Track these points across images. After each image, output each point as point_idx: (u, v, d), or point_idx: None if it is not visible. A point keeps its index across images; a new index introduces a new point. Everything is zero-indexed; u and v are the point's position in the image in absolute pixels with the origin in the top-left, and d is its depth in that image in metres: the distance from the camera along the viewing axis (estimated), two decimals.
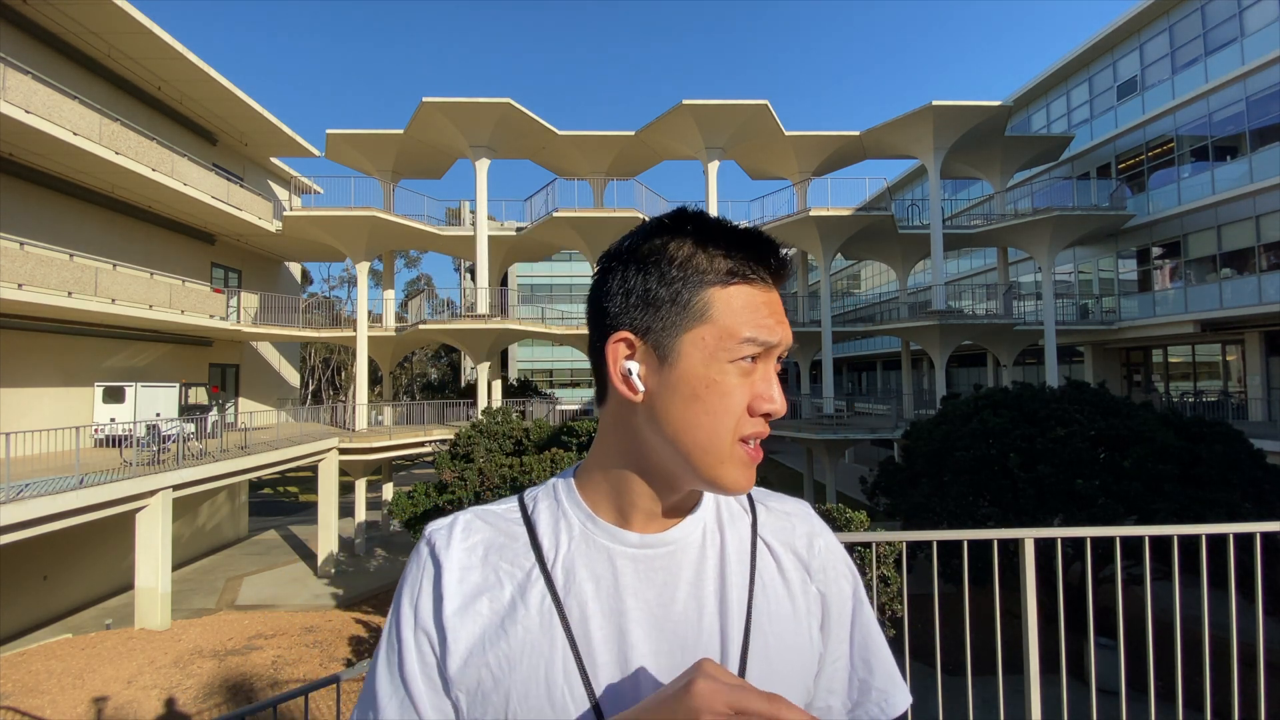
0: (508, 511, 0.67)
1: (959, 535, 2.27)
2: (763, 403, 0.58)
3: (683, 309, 0.59)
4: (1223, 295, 17.11)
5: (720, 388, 0.57)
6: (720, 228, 0.61)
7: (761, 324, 0.58)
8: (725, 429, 0.57)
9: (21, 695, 9.29)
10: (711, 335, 0.58)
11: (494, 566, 0.62)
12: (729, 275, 0.59)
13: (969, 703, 2.38)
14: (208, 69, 15.78)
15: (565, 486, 0.68)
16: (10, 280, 10.90)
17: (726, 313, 0.58)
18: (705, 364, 0.58)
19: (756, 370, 0.59)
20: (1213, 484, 8.93)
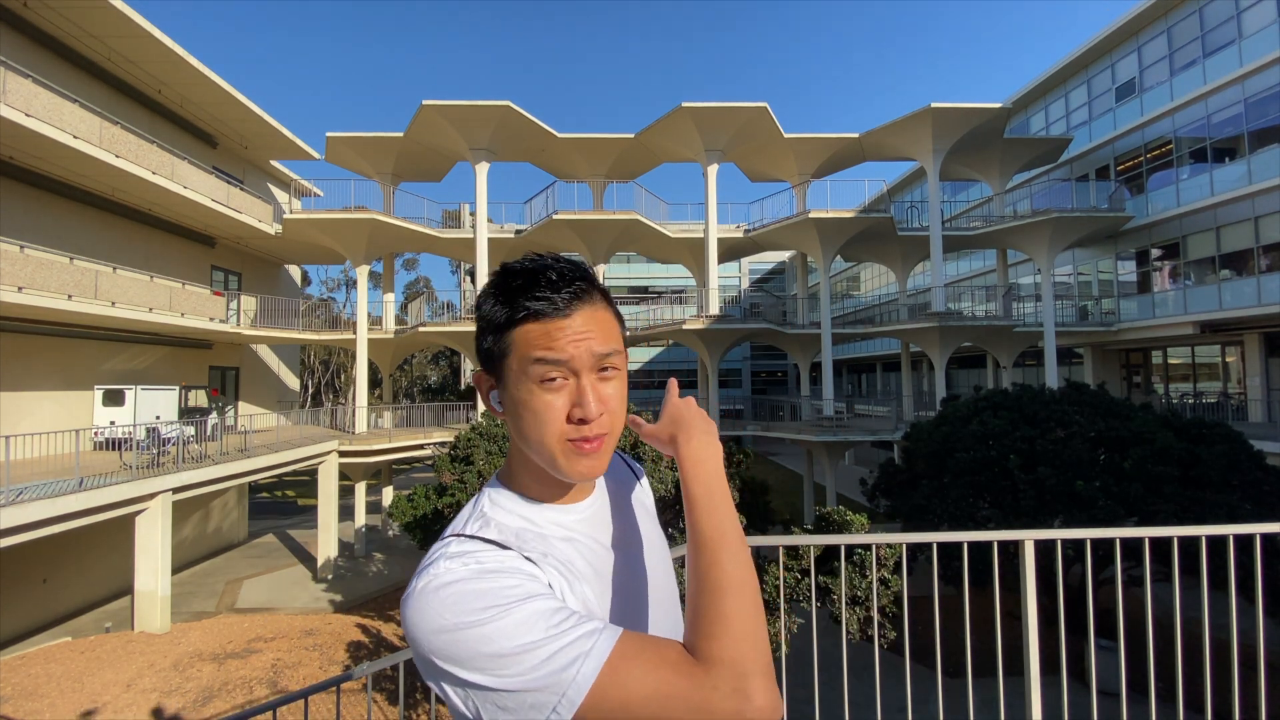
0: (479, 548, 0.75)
1: (959, 537, 2.27)
2: (575, 411, 0.73)
3: (500, 350, 0.76)
4: (1222, 296, 17.12)
5: (530, 405, 0.74)
6: (511, 285, 0.76)
7: (546, 347, 0.73)
8: (547, 435, 0.74)
9: (20, 699, 9.27)
10: (515, 364, 0.75)
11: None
12: (520, 319, 0.74)
13: (969, 704, 2.38)
14: (208, 72, 15.81)
15: (501, 495, 0.82)
16: (10, 283, 10.90)
17: (522, 344, 0.74)
18: (516, 386, 0.75)
19: (569, 385, 0.74)
20: (1213, 485, 8.93)
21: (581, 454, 0.74)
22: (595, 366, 0.75)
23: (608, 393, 0.76)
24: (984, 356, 26.41)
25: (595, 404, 0.73)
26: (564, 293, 0.74)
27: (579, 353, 0.73)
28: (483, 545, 0.71)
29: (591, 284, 0.78)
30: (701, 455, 0.82)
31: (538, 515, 0.80)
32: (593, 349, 0.74)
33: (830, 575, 7.78)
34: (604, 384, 0.76)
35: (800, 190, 23.10)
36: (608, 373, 0.76)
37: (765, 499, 11.72)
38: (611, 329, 0.78)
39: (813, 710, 2.44)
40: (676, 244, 23.54)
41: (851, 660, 7.92)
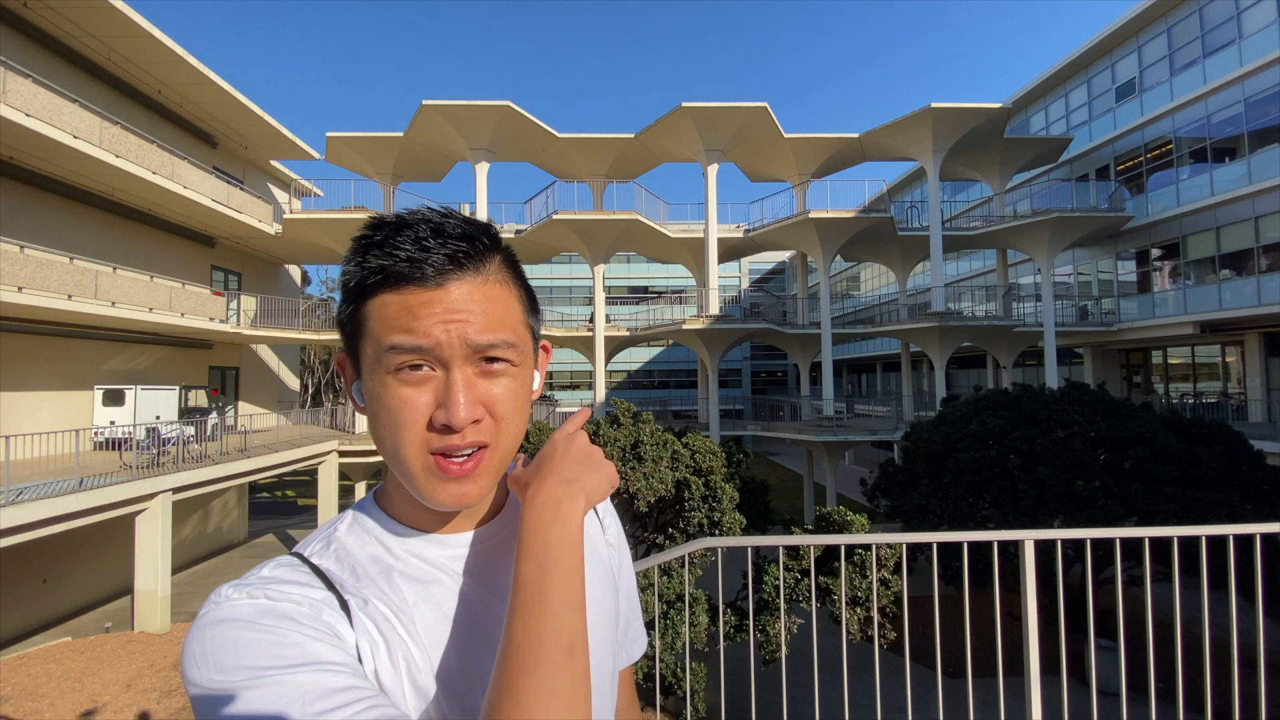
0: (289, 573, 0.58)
1: (959, 537, 2.27)
2: (438, 414, 0.55)
3: (354, 326, 0.59)
4: (1222, 297, 17.12)
5: (383, 402, 0.56)
6: (371, 240, 0.57)
7: (406, 328, 0.55)
8: (403, 444, 0.56)
9: (20, 699, 9.27)
10: (370, 348, 0.57)
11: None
12: (372, 285, 0.56)
13: (969, 704, 2.38)
14: (208, 72, 15.80)
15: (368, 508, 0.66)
16: (10, 283, 10.90)
17: (378, 322, 0.56)
18: (369, 377, 0.58)
19: (436, 378, 0.56)
20: (1213, 485, 8.93)
21: (445, 474, 0.56)
22: (472, 357, 0.57)
23: (493, 392, 0.58)
24: (984, 356, 26.41)
25: (466, 405, 0.55)
26: (436, 254, 0.55)
27: (448, 338, 0.55)
28: (299, 574, 0.56)
29: (482, 245, 0.59)
30: (546, 518, 0.58)
31: (398, 545, 0.62)
32: (467, 335, 0.56)
33: (830, 575, 7.78)
34: (487, 380, 0.58)
35: (800, 190, 23.10)
36: (496, 366, 0.58)
37: (765, 499, 11.72)
38: (506, 310, 0.59)
39: (812, 710, 2.44)
40: (676, 244, 23.54)
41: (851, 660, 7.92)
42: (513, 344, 0.59)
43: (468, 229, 0.58)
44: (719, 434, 20.46)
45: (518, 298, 0.62)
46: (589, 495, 0.62)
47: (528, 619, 0.52)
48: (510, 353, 0.59)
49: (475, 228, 0.59)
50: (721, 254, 23.96)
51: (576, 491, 0.61)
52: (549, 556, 0.55)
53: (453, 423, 0.55)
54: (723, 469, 10.15)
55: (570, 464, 0.63)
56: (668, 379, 45.24)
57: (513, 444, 0.61)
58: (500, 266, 0.61)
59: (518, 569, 0.55)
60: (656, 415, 11.21)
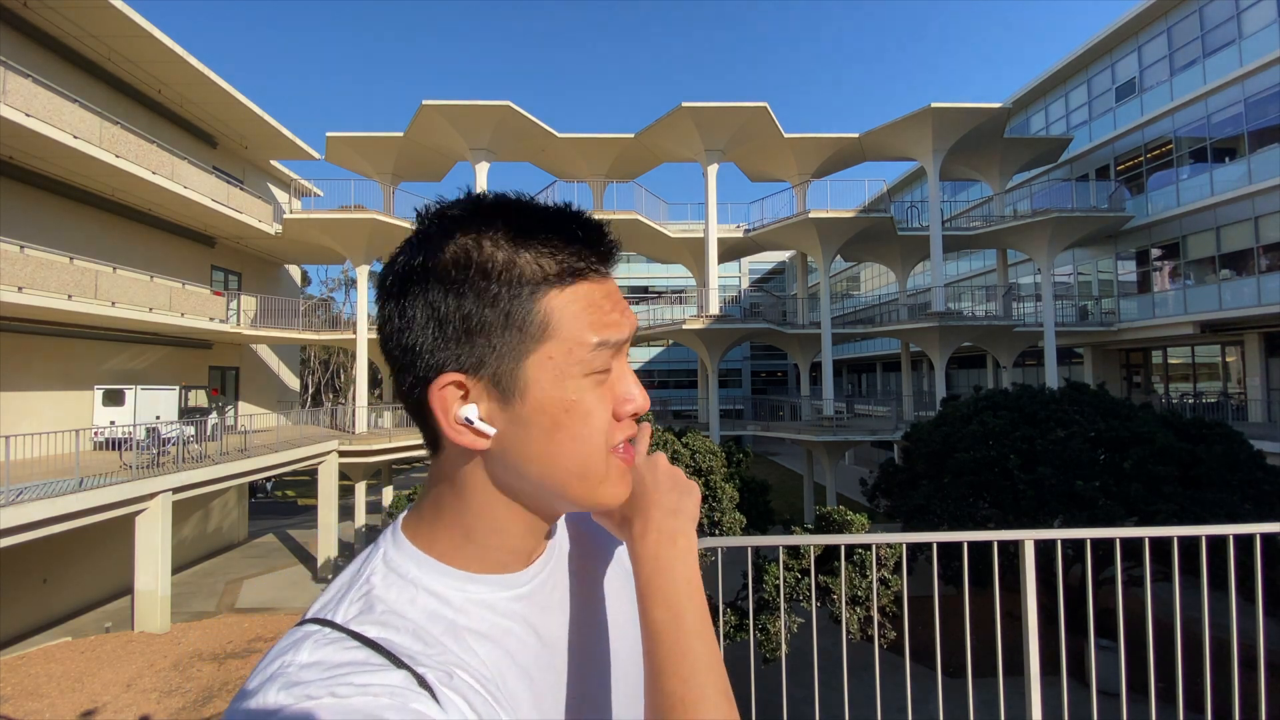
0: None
1: (959, 537, 2.27)
2: (626, 405, 0.52)
3: (519, 330, 0.48)
4: (1222, 297, 17.12)
5: (581, 408, 0.50)
6: (537, 215, 0.51)
7: (609, 323, 0.50)
8: (597, 449, 0.51)
9: (20, 699, 9.27)
10: (559, 352, 0.49)
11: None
12: (564, 275, 0.49)
13: (969, 704, 2.38)
14: (208, 72, 15.81)
15: (407, 560, 0.53)
16: (10, 283, 10.90)
17: (570, 321, 0.49)
18: (558, 386, 0.49)
19: (611, 371, 0.52)
20: (1213, 485, 8.93)
21: (626, 470, 0.54)
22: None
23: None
24: (984, 356, 26.41)
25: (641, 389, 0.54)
26: (607, 247, 0.52)
27: (634, 321, 0.53)
28: (355, 653, 0.43)
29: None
30: (666, 555, 0.55)
31: (455, 593, 0.51)
32: (636, 323, 0.54)
33: (830, 575, 7.78)
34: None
35: (800, 190, 23.11)
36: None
37: (765, 499, 11.73)
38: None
39: (812, 710, 2.44)
40: (676, 244, 23.55)
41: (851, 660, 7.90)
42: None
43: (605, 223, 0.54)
44: (719, 434, 20.46)
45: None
46: (693, 521, 0.59)
47: (681, 670, 0.49)
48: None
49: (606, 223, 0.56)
50: (721, 254, 23.96)
51: (685, 522, 0.58)
52: (681, 597, 0.53)
53: (640, 409, 0.53)
54: (723, 469, 10.15)
55: (665, 491, 0.59)
56: (668, 379, 45.24)
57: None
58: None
59: (648, 614, 0.52)
60: (656, 415, 11.21)
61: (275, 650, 0.44)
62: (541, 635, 0.55)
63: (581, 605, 0.61)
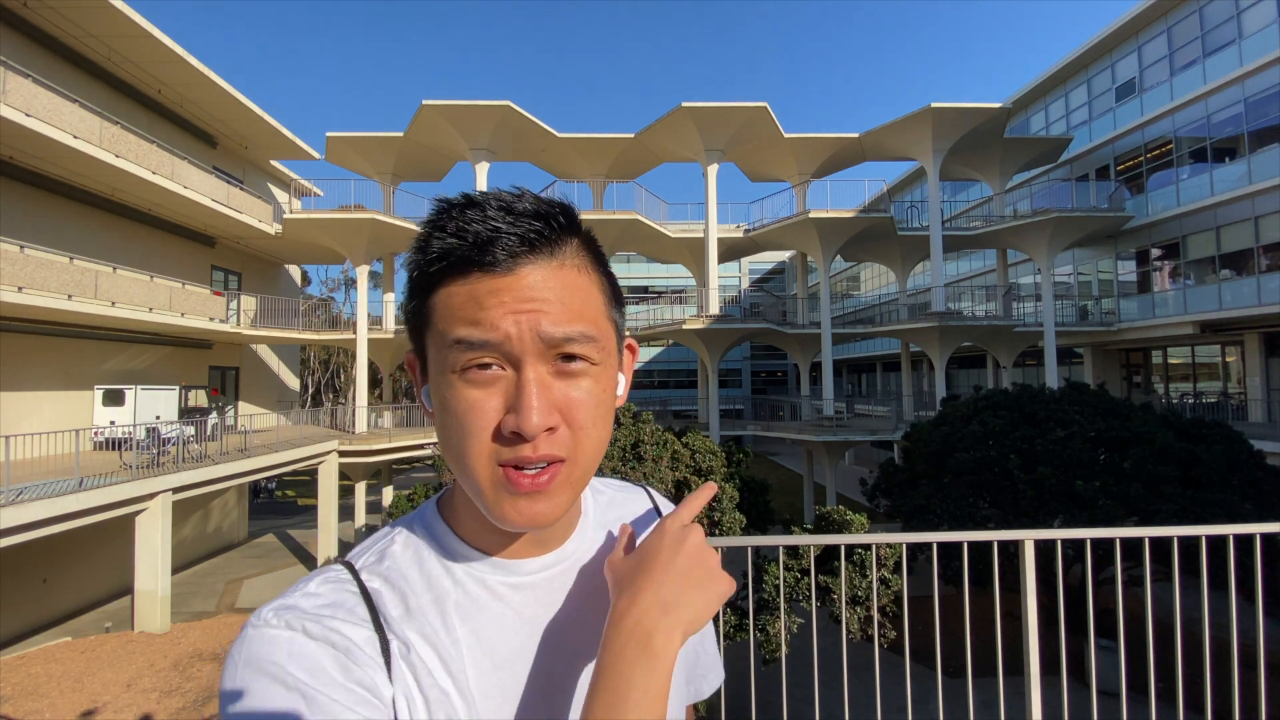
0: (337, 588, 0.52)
1: (959, 537, 2.27)
2: (507, 419, 0.48)
3: (420, 320, 0.52)
4: (1222, 296, 17.12)
5: (449, 405, 0.49)
6: (439, 218, 0.50)
7: (472, 320, 0.48)
8: (470, 453, 0.49)
9: (20, 698, 9.27)
10: (435, 345, 0.50)
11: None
12: (444, 270, 0.49)
13: (969, 704, 2.38)
14: (208, 72, 15.81)
15: (428, 520, 0.58)
16: (10, 283, 10.90)
17: (443, 315, 0.49)
18: (436, 378, 0.51)
19: (506, 378, 0.49)
20: (1213, 485, 8.93)
21: (515, 488, 0.48)
22: (546, 354, 0.49)
23: (571, 396, 0.50)
24: (984, 356, 26.41)
25: (540, 410, 0.47)
26: (507, 234, 0.48)
27: (518, 331, 0.47)
28: (346, 595, 0.50)
29: (558, 225, 0.51)
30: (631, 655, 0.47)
31: (459, 567, 0.55)
32: (540, 327, 0.48)
33: (830, 575, 7.78)
34: (564, 382, 0.50)
35: (800, 190, 23.10)
36: (574, 365, 0.50)
37: (765, 499, 11.72)
38: (585, 300, 0.51)
39: (812, 710, 2.44)
40: (676, 244, 23.54)
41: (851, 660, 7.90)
42: (592, 338, 0.50)
43: (541, 207, 0.51)
44: (719, 434, 20.46)
45: (599, 286, 0.54)
46: (688, 626, 0.49)
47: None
48: (590, 348, 0.50)
49: (550, 206, 0.52)
50: (721, 254, 23.96)
51: (674, 622, 0.48)
52: (626, 706, 0.45)
53: (524, 430, 0.47)
54: (723, 469, 10.16)
55: (674, 578, 0.51)
56: (668, 379, 45.23)
57: (593, 457, 0.52)
58: (579, 250, 0.53)
59: (587, 706, 0.46)
60: (656, 415, 11.21)
61: (310, 574, 0.53)
62: (533, 629, 0.55)
63: (589, 614, 0.57)
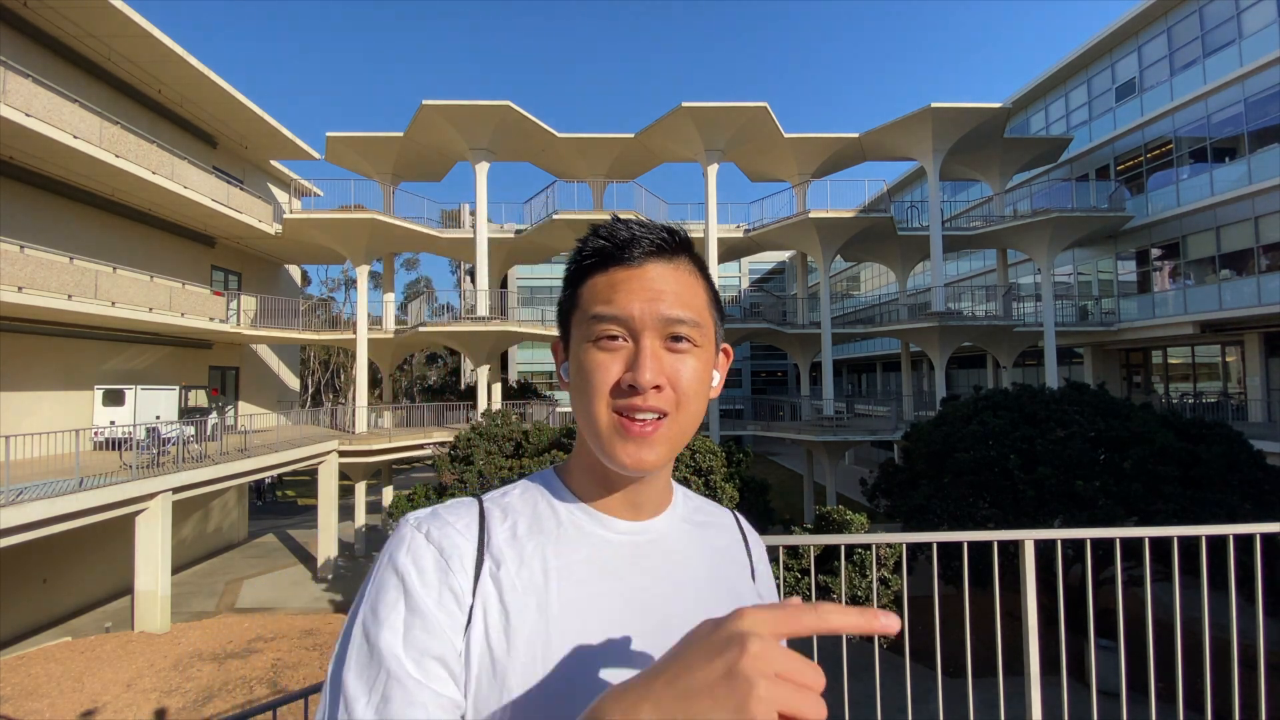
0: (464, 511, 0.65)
1: (959, 537, 2.27)
2: (626, 375, 0.61)
3: (570, 305, 0.68)
4: (1222, 296, 17.12)
5: (582, 366, 0.64)
6: (588, 238, 0.68)
7: (607, 299, 0.64)
8: (594, 401, 0.62)
9: (20, 699, 9.27)
10: (578, 319, 0.66)
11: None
12: (587, 267, 0.67)
13: (969, 704, 2.38)
14: (208, 72, 15.81)
15: (547, 476, 0.72)
16: (10, 283, 10.90)
17: (587, 298, 0.66)
18: (575, 348, 0.66)
19: (628, 348, 0.63)
20: (1213, 485, 8.93)
21: (626, 433, 0.61)
22: (663, 331, 0.63)
23: (677, 367, 0.63)
24: (984, 356, 26.41)
25: (651, 369, 0.61)
26: (642, 239, 0.65)
27: (641, 311, 0.62)
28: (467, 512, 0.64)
29: (678, 239, 0.67)
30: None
31: (565, 511, 0.67)
32: (659, 310, 0.62)
33: (830, 575, 7.78)
34: (673, 356, 0.63)
35: (800, 190, 23.10)
36: (681, 344, 0.64)
37: (765, 499, 11.73)
38: (693, 294, 0.66)
39: None
40: None
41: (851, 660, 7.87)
42: (698, 324, 0.64)
43: (666, 228, 0.67)
44: (719, 434, 20.45)
45: (704, 289, 0.68)
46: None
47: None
48: (694, 332, 0.64)
49: (671, 228, 0.68)
50: (721, 254, 23.96)
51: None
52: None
53: (639, 382, 0.60)
54: (723, 469, 10.16)
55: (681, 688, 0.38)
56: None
57: (691, 423, 0.64)
58: (690, 261, 0.68)
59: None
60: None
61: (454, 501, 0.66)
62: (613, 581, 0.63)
63: (655, 588, 0.65)
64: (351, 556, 18.40)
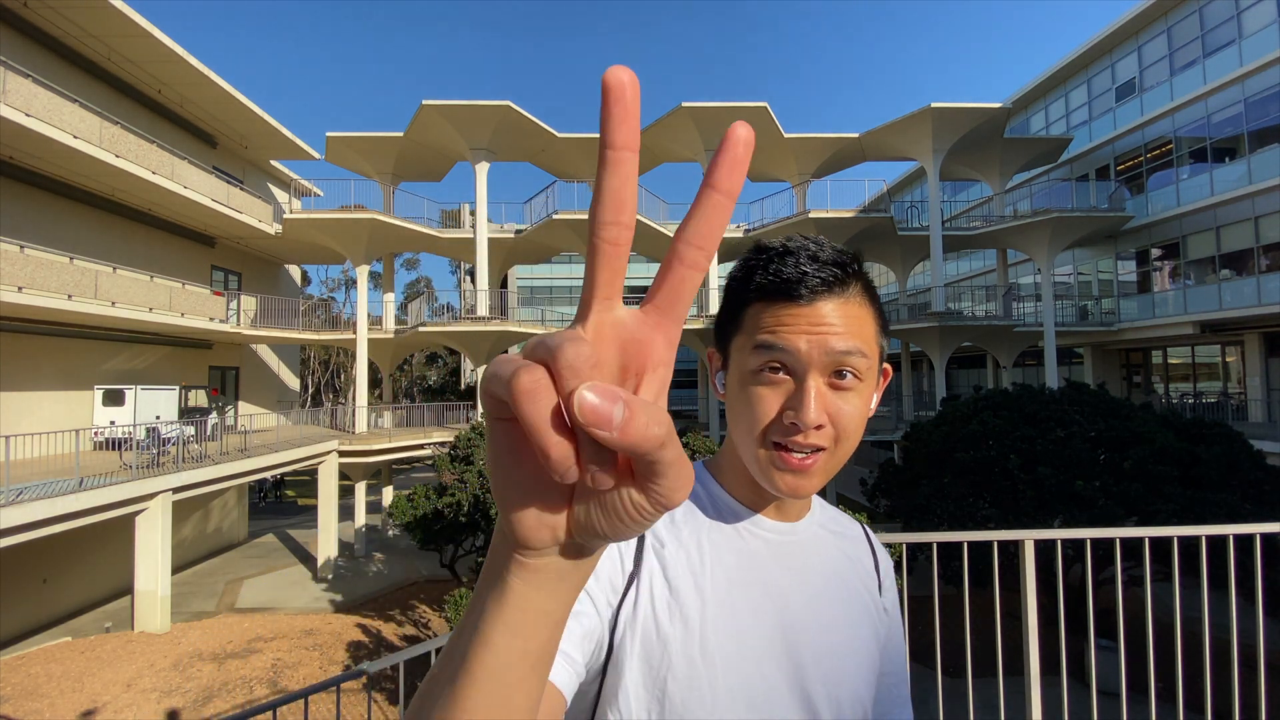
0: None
1: (959, 537, 2.27)
2: (787, 413, 0.62)
3: (733, 325, 0.69)
4: (1222, 296, 17.11)
5: (745, 398, 0.65)
6: (756, 259, 0.67)
7: (774, 332, 0.63)
8: (755, 435, 0.64)
9: (20, 699, 9.27)
10: (741, 342, 0.67)
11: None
12: (753, 293, 0.66)
13: (969, 704, 2.38)
14: (208, 72, 15.80)
15: (698, 469, 0.74)
16: (10, 283, 10.90)
17: (750, 324, 0.66)
18: (735, 369, 0.67)
19: (787, 384, 0.63)
20: (1213, 485, 8.93)
21: (786, 466, 0.63)
22: (829, 368, 0.63)
23: (839, 406, 0.63)
24: (984, 356, 26.40)
25: (815, 410, 0.61)
26: (813, 276, 0.63)
27: (809, 347, 0.62)
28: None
29: (851, 271, 0.66)
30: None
31: (719, 505, 0.71)
32: (829, 344, 0.62)
33: None
34: (835, 394, 0.63)
35: (800, 190, 23.10)
36: (845, 380, 0.63)
37: None
38: (862, 325, 0.65)
39: None
40: None
41: None
42: (864, 354, 0.64)
43: (838, 257, 0.65)
44: (719, 434, 20.46)
45: (872, 317, 0.67)
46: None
47: None
48: (861, 363, 0.63)
49: (844, 256, 0.66)
50: (721, 254, 23.94)
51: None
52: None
53: (802, 422, 0.61)
54: None
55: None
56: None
57: (847, 454, 0.65)
58: (860, 291, 0.67)
59: None
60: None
61: None
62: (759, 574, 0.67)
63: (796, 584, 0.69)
64: (351, 556, 18.39)
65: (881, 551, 0.83)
